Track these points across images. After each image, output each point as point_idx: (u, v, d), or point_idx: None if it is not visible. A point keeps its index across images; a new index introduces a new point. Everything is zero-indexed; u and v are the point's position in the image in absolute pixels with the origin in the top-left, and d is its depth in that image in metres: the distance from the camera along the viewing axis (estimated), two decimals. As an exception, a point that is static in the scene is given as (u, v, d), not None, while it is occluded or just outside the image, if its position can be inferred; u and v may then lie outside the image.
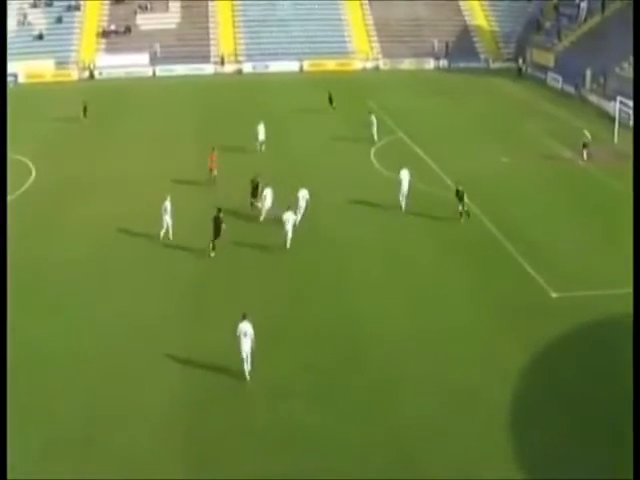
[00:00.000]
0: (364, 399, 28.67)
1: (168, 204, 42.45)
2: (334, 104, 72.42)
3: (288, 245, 41.45)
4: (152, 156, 58.85)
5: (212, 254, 40.70)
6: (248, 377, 29.68)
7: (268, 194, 45.31)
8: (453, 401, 28.53)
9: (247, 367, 29.68)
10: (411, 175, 47.53)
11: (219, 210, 41.26)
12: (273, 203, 44.90)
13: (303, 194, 45.02)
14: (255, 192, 46.25)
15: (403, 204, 47.12)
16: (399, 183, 47.41)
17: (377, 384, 29.55)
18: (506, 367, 30.52)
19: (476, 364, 30.93)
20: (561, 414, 27.70)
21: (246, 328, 29.48)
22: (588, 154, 57.65)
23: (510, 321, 34.38)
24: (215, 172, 51.41)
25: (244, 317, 29.78)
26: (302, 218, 44.16)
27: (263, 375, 29.88)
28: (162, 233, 42.28)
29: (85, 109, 69.60)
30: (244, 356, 29.54)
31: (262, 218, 45.11)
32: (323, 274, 39.06)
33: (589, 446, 26.08)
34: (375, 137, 61.90)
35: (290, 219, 41.69)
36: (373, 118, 62.66)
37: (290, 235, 41.45)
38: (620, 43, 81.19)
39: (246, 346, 29.42)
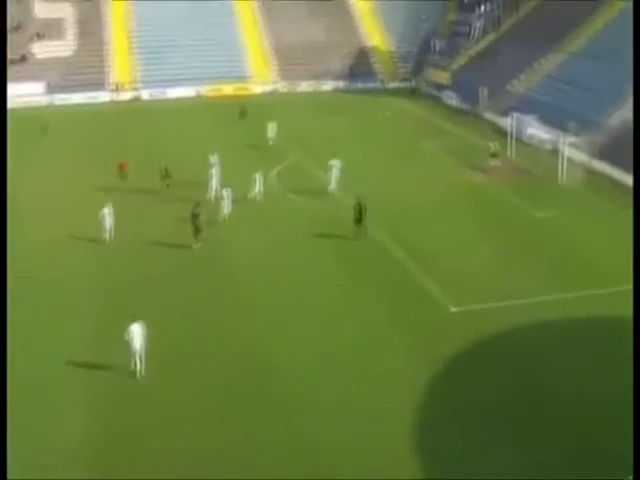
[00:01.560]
0: (271, 420, 28.45)
1: (107, 210, 44.91)
2: (245, 117, 78.53)
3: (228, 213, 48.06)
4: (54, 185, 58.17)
5: (198, 245, 43.93)
6: (139, 375, 30.64)
7: (228, 193, 48.99)
8: (360, 418, 28.49)
9: (138, 366, 30.67)
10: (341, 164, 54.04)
11: (196, 204, 44.35)
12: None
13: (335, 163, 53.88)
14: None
15: (332, 187, 53.38)
16: (330, 169, 53.87)
17: (284, 404, 29.42)
18: (410, 382, 30.60)
19: (381, 381, 30.91)
20: (466, 426, 27.88)
21: (136, 329, 30.52)
22: (497, 164, 59.57)
23: (411, 337, 34.53)
24: (126, 171, 56.41)
25: (134, 319, 30.73)
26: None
27: (166, 397, 29.69)
28: (107, 236, 44.97)
29: (44, 129, 71.79)
30: (135, 356, 30.59)
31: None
32: (226, 297, 38.58)
33: (496, 457, 26.33)
34: (270, 142, 67.03)
35: (229, 195, 48.07)
36: (272, 125, 67.86)
37: (229, 208, 48.11)
38: (513, 60, 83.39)
39: (137, 346, 30.46)
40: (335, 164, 54.38)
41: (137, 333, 30.55)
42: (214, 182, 52.12)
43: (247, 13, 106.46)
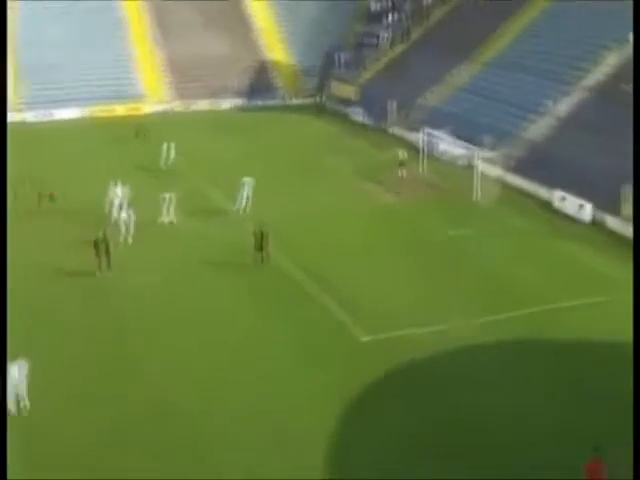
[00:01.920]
0: (174, 459, 26.69)
1: None
2: (143, 137, 73.48)
3: (130, 241, 45.36)
4: None
5: (109, 274, 41.34)
6: (26, 412, 28.80)
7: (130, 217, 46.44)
8: (269, 450, 27.25)
9: (24, 403, 28.84)
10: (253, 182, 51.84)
11: (103, 232, 41.83)
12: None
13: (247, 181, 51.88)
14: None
15: (239, 206, 51.28)
16: (242, 186, 51.53)
17: (187, 442, 27.57)
18: (321, 413, 29.34)
19: (292, 413, 29.58)
20: (378, 455, 27.02)
21: (14, 370, 28.52)
22: (404, 173, 58.58)
23: (320, 369, 32.81)
24: (54, 197, 52.88)
25: (14, 358, 28.74)
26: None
27: (54, 442, 27.50)
28: None
29: None
30: (18, 394, 28.68)
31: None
32: (122, 329, 36.17)
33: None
34: (165, 166, 62.34)
35: (131, 218, 45.89)
36: (167, 146, 63.24)
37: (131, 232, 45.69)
38: (423, 72, 79.95)
39: (21, 385, 28.64)
40: (248, 182, 52.10)
41: (16, 373, 28.46)
42: (116, 206, 48.98)
43: (138, 29, 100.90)
